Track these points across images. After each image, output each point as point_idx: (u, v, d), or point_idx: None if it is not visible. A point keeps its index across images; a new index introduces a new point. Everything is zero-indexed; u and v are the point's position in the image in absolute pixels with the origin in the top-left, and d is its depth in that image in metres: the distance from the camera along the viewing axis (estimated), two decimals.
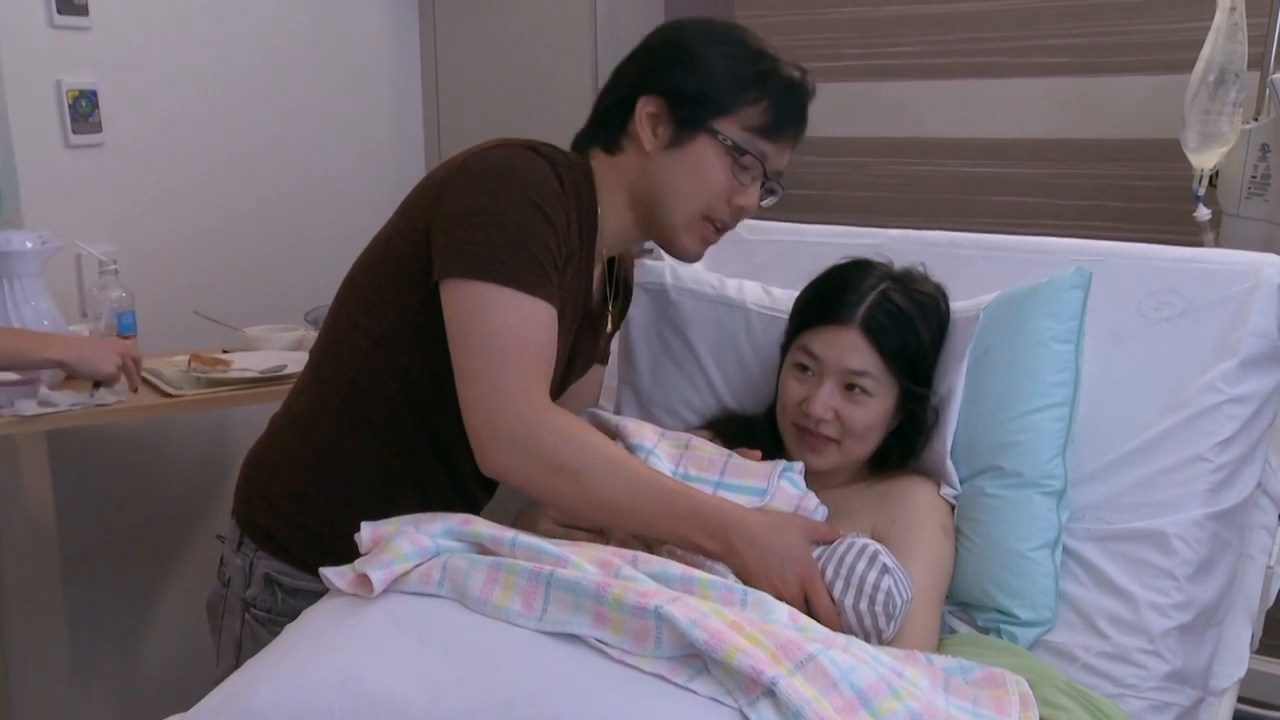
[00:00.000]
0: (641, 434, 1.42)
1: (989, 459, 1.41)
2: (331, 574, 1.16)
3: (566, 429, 1.24)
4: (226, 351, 2.10)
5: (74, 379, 1.85)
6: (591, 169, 1.40)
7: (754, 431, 1.51)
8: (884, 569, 1.22)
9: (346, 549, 1.20)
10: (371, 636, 1.07)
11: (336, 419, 1.41)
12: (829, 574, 1.23)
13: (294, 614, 1.18)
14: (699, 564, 1.21)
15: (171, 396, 1.90)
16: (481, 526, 1.19)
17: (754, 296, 1.67)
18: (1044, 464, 1.39)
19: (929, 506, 1.40)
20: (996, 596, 1.36)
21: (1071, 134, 2.15)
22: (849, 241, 1.64)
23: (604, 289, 1.52)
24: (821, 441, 1.40)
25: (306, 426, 1.44)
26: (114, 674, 2.38)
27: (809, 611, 1.20)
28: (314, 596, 1.23)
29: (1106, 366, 1.47)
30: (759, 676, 0.95)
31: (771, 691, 0.95)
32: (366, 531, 1.20)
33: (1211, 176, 1.84)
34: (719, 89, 1.35)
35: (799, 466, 1.40)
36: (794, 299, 1.51)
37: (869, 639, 1.20)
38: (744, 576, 1.21)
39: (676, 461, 1.39)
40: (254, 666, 1.09)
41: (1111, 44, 2.10)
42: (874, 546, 1.25)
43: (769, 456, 1.43)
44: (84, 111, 2.19)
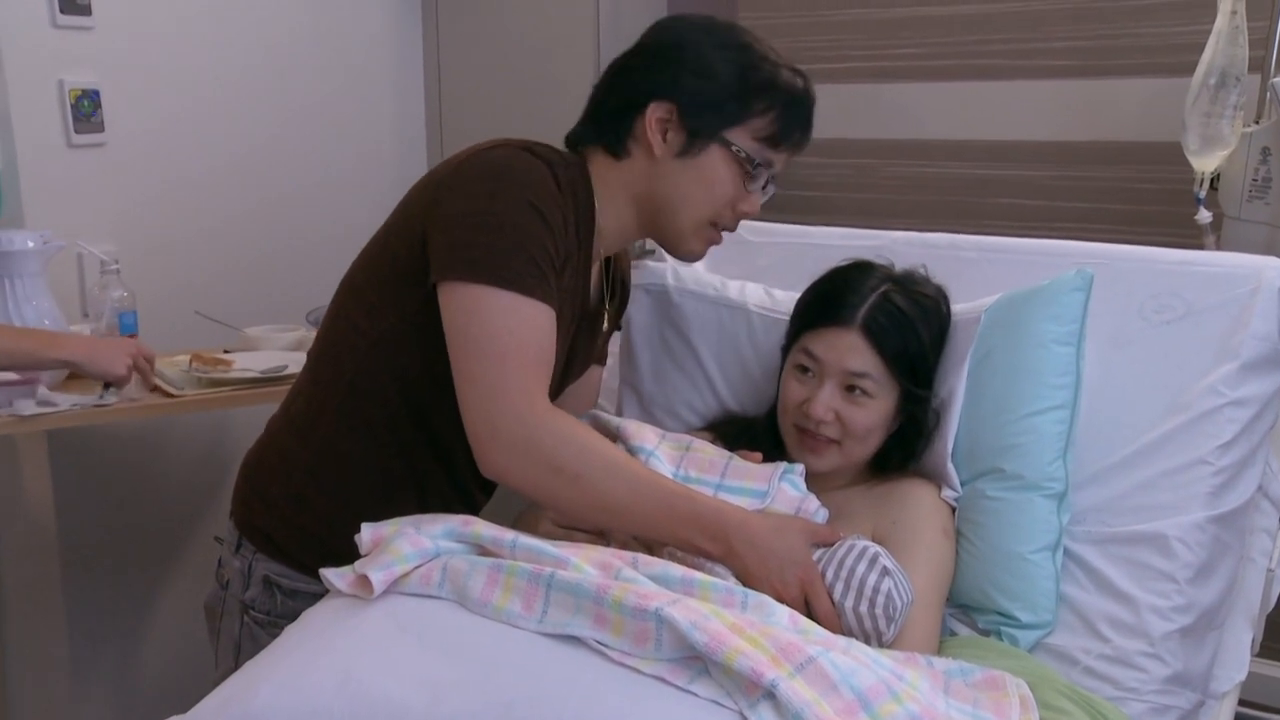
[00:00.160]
0: (642, 436, 1.41)
1: (990, 461, 1.41)
2: (331, 575, 1.16)
3: (566, 431, 1.24)
4: (227, 351, 2.10)
5: (79, 378, 1.84)
6: (588, 169, 1.40)
7: (755, 433, 1.51)
8: (884, 571, 1.22)
9: (345, 550, 1.20)
10: (371, 638, 1.07)
11: (335, 420, 1.41)
12: (829, 576, 1.23)
13: (293, 616, 1.18)
14: (699, 566, 1.21)
15: (172, 396, 1.90)
16: (482, 528, 1.19)
17: (756, 298, 1.67)
18: (1045, 467, 1.39)
19: (930, 509, 1.40)
20: (997, 599, 1.36)
21: (1073, 136, 2.15)
22: (850, 243, 1.64)
23: (601, 289, 1.52)
24: (822, 443, 1.40)
25: (305, 428, 1.44)
26: (113, 674, 2.38)
27: (809, 614, 1.20)
28: (313, 599, 1.23)
29: (1107, 369, 1.47)
30: (759, 679, 0.95)
31: (772, 694, 0.95)
32: (366, 533, 1.20)
33: (1213, 179, 1.84)
34: (730, 98, 1.35)
35: (800, 469, 1.40)
36: (795, 301, 1.51)
37: (869, 641, 1.20)
38: (744, 579, 1.21)
39: (677, 463, 1.39)
40: (253, 668, 1.09)
41: (1113, 47, 2.10)
42: (874, 549, 1.25)
43: (770, 458, 1.43)
44: (86, 111, 2.19)
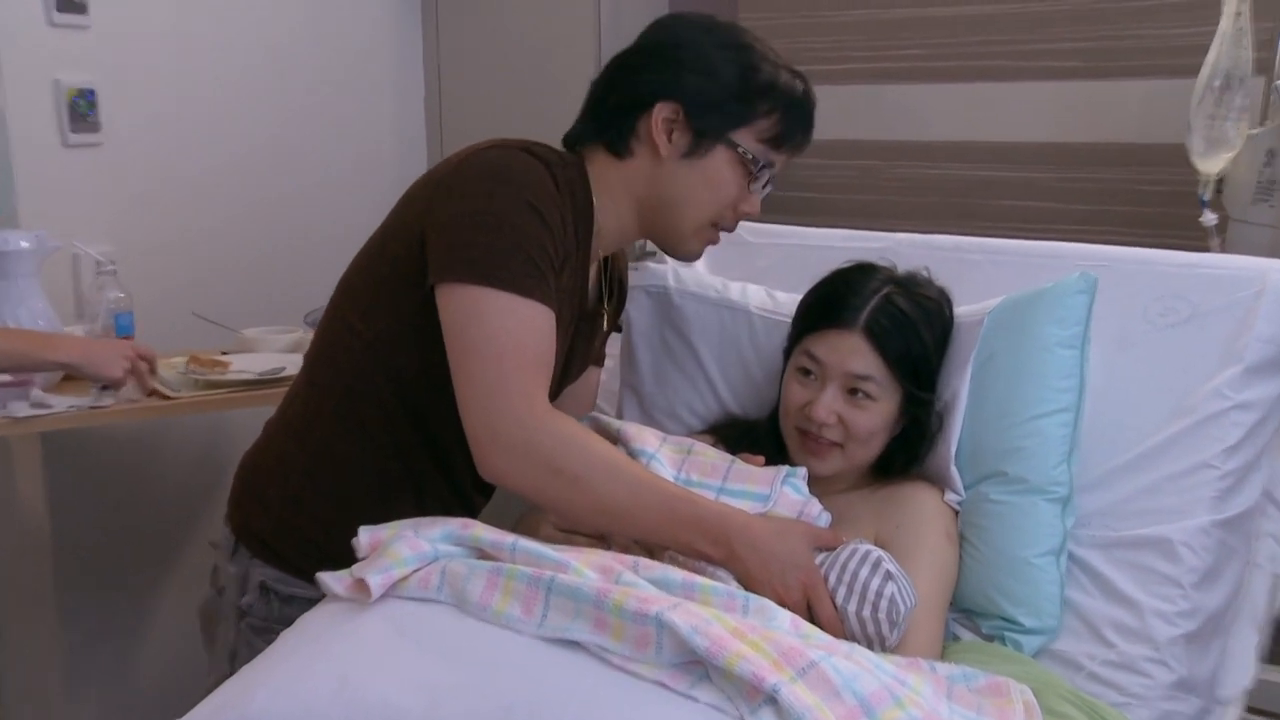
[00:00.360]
0: (643, 438, 1.41)
1: (993, 465, 1.40)
2: (329, 579, 1.15)
3: (567, 433, 1.23)
4: (225, 353, 2.09)
5: (74, 380, 1.83)
6: (587, 168, 1.39)
7: (757, 436, 1.50)
8: (887, 575, 1.22)
9: (342, 554, 1.19)
10: (369, 642, 1.06)
11: (332, 422, 1.40)
12: (832, 580, 1.23)
13: (289, 622, 1.17)
14: (701, 570, 1.20)
15: (169, 398, 1.89)
16: (481, 531, 1.18)
17: (757, 300, 1.66)
18: (1049, 470, 1.38)
19: (933, 513, 1.39)
20: (1001, 604, 1.35)
21: (1077, 138, 2.15)
22: (853, 245, 1.64)
23: (599, 289, 1.51)
24: (824, 446, 1.39)
25: (302, 430, 1.43)
26: (108, 679, 2.37)
27: (811, 618, 1.19)
28: (309, 604, 1.21)
29: (1112, 372, 1.46)
30: (761, 684, 0.94)
31: (773, 699, 0.94)
32: (364, 536, 1.20)
33: (1217, 181, 1.83)
34: (734, 99, 1.35)
35: (802, 472, 1.39)
36: (797, 303, 1.50)
37: (872, 646, 1.20)
38: (746, 583, 1.20)
39: (679, 466, 1.38)
40: (249, 672, 1.09)
41: (1117, 48, 2.09)
42: (877, 553, 1.24)
43: (772, 461, 1.42)
44: (82, 111, 2.18)
